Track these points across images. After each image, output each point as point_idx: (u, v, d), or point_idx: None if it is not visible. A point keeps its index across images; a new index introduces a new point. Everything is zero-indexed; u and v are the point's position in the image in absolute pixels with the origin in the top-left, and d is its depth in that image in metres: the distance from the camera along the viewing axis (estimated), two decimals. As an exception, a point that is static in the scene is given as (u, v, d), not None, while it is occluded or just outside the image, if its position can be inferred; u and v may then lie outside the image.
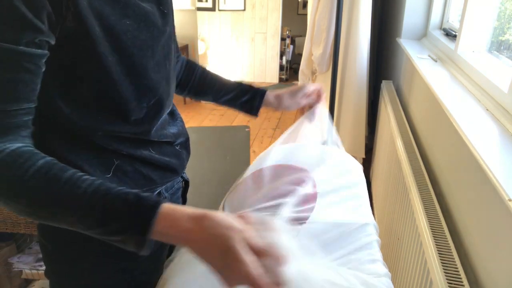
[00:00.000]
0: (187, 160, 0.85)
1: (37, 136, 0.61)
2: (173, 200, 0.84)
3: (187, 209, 0.50)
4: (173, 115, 0.82)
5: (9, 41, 0.48)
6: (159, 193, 0.77)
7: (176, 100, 0.92)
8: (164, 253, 0.84)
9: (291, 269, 0.49)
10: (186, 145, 0.84)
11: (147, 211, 0.49)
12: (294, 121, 0.90)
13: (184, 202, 0.91)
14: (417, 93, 1.67)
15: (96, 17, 0.55)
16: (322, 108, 0.99)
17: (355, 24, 2.37)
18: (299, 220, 0.77)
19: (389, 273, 0.69)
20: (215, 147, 3.57)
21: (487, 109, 1.06)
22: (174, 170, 0.79)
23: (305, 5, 6.12)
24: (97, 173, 0.65)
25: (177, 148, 0.80)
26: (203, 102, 4.87)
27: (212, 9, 5.73)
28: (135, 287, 0.76)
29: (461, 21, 1.47)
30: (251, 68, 5.98)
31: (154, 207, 0.49)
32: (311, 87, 0.98)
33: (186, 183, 0.91)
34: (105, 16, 0.56)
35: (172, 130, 0.79)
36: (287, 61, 5.95)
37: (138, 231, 0.49)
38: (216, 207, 0.94)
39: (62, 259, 0.72)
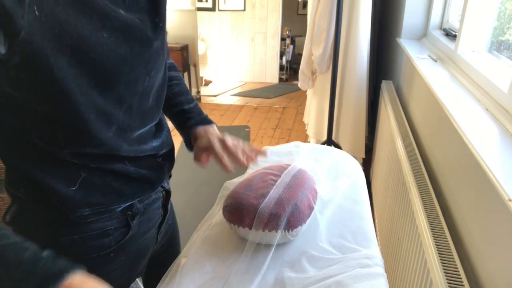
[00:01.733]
0: (170, 171, 0.80)
1: None
2: (150, 212, 0.77)
3: None
4: (159, 126, 0.76)
5: None
6: (131, 205, 0.72)
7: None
8: (141, 261, 0.79)
9: None
10: (169, 156, 0.78)
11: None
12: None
13: (165, 212, 0.84)
14: (417, 93, 1.67)
15: (62, 28, 0.49)
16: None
17: (355, 24, 2.37)
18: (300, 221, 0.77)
19: None
20: (215, 147, 3.56)
21: (487, 109, 1.06)
22: (151, 183, 0.73)
23: (305, 5, 6.12)
24: (60, 186, 0.61)
25: (159, 160, 0.75)
26: (202, 102, 4.87)
27: (212, 9, 5.74)
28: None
29: (461, 21, 1.47)
30: (251, 68, 5.99)
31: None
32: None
33: (167, 192, 0.84)
34: (77, 27, 0.51)
35: (155, 143, 0.73)
36: (287, 61, 5.95)
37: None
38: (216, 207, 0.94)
39: None
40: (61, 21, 0.50)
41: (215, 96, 5.17)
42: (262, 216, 0.75)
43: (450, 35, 1.75)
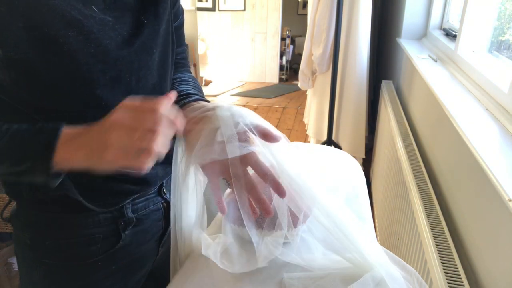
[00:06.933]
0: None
1: None
2: (147, 223, 0.75)
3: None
4: None
5: None
6: (123, 214, 0.69)
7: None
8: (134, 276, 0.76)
9: None
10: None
11: (49, 131, 0.49)
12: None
13: (167, 224, 0.78)
14: (417, 93, 1.67)
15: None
16: None
17: (355, 24, 2.37)
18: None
19: None
20: (215, 147, 3.56)
21: (487, 109, 1.06)
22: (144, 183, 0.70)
23: (305, 5, 6.12)
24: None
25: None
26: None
27: (212, 9, 5.74)
28: None
29: (461, 21, 1.47)
30: (251, 68, 5.98)
31: (55, 129, 0.49)
32: None
33: (169, 204, 0.73)
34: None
35: None
36: (287, 61, 5.95)
37: (43, 151, 0.48)
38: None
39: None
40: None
41: (215, 96, 5.17)
42: (261, 216, 0.75)
43: (450, 35, 1.75)
